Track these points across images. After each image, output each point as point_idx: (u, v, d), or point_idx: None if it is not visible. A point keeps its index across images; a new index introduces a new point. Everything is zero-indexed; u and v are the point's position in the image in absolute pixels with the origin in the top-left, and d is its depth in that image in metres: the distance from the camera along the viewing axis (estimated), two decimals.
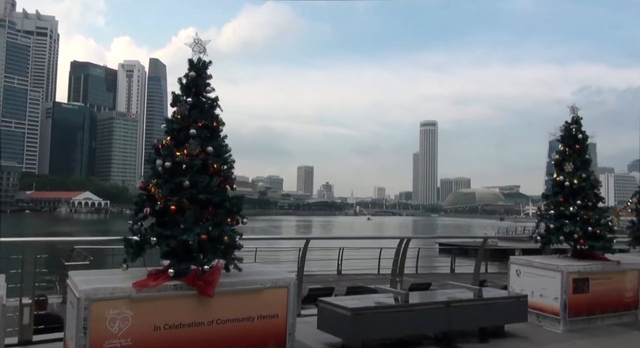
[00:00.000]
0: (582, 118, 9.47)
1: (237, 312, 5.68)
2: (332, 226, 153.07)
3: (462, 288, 7.82)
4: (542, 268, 8.61)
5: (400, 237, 9.52)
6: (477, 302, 7.29)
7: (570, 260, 8.98)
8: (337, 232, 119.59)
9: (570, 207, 8.95)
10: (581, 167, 9.17)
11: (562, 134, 9.45)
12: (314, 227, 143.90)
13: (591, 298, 8.60)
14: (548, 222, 9.15)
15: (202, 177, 5.73)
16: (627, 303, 9.16)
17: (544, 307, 8.50)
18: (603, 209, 9.18)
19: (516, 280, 9.02)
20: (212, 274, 5.59)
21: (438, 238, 36.63)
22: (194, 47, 6.23)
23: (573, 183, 9.03)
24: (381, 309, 6.50)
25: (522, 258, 9.13)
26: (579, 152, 9.28)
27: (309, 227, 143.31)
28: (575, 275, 8.41)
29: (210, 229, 5.65)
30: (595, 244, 8.77)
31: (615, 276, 8.98)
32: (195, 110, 5.98)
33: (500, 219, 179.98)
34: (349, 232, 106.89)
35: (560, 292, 8.28)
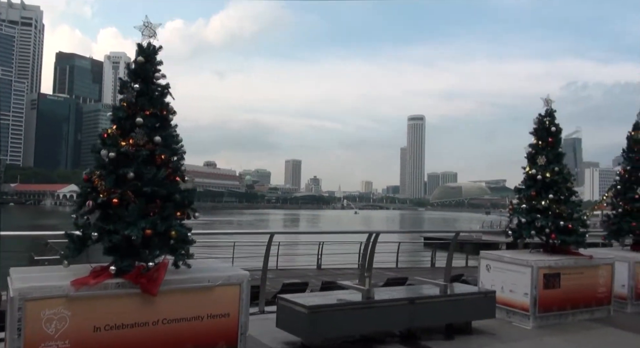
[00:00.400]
0: (555, 111, 9.27)
1: (185, 311, 5.39)
2: (318, 220, 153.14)
3: (429, 284, 7.59)
4: (512, 263, 8.42)
5: (368, 232, 9.26)
6: (443, 299, 7.07)
7: (542, 255, 8.79)
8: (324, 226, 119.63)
9: (542, 201, 8.75)
10: (554, 161, 8.97)
11: (535, 127, 9.24)
12: (301, 221, 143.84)
13: (562, 294, 8.41)
14: (520, 216, 8.96)
15: (148, 168, 5.42)
16: (600, 299, 8.99)
17: (514, 302, 8.31)
18: (576, 203, 8.99)
19: (486, 275, 8.82)
20: (157, 271, 5.29)
21: (410, 232, 36.50)
22: (143, 31, 5.90)
23: (545, 177, 8.84)
24: (341, 306, 6.25)
25: (492, 253, 8.93)
26: (552, 145, 9.08)
27: (296, 221, 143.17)
28: (545, 270, 8.22)
29: (157, 224, 5.36)
30: (567, 239, 8.59)
31: (587, 271, 8.80)
32: (143, 97, 5.65)
33: (486, 213, 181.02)
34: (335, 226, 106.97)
35: (530, 288, 8.08)
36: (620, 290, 9.78)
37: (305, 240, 26.95)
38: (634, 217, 10.28)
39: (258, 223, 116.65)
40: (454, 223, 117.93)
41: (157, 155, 5.50)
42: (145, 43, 5.87)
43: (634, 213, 10.31)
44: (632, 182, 10.47)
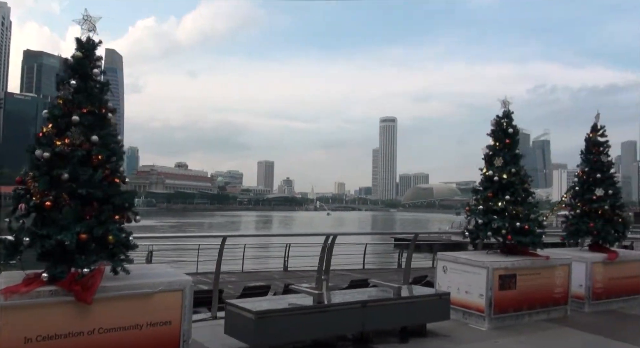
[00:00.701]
0: (513, 112, 9.26)
1: (123, 320, 5.15)
2: (289, 222, 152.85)
3: (384, 286, 7.46)
4: (468, 265, 8.37)
5: (326, 234, 9.13)
6: (396, 301, 6.96)
7: (498, 256, 8.77)
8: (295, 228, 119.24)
9: (499, 202, 8.74)
10: (511, 162, 8.97)
11: (492, 128, 9.23)
12: (272, 223, 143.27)
13: (518, 295, 8.40)
14: (477, 218, 8.93)
15: (84, 169, 5.17)
16: (557, 299, 9.02)
17: (470, 304, 8.26)
18: (532, 204, 9.00)
19: (443, 276, 8.76)
20: (92, 278, 5.04)
21: (371, 234, 36.47)
22: (82, 25, 5.66)
23: (502, 178, 8.82)
24: (290, 311, 6.08)
25: (448, 255, 8.86)
26: (509, 146, 9.07)
27: (268, 222, 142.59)
28: (501, 271, 8.19)
29: (93, 228, 5.11)
30: (523, 239, 8.58)
31: (544, 271, 8.82)
32: (80, 94, 5.41)
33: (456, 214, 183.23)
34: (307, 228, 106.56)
35: (486, 289, 8.04)
36: (578, 290, 9.85)
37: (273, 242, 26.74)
38: (592, 218, 10.36)
39: (230, 225, 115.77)
40: (425, 224, 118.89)
41: (94, 156, 5.25)
42: (85, 37, 5.63)
43: (591, 214, 10.39)
44: (590, 183, 10.55)
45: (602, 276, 9.98)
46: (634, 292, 10.63)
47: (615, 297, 10.26)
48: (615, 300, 10.27)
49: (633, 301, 10.61)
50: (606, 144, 10.70)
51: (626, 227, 10.47)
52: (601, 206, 10.25)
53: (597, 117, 10.77)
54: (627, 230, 10.50)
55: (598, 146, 10.66)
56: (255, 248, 28.24)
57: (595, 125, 10.77)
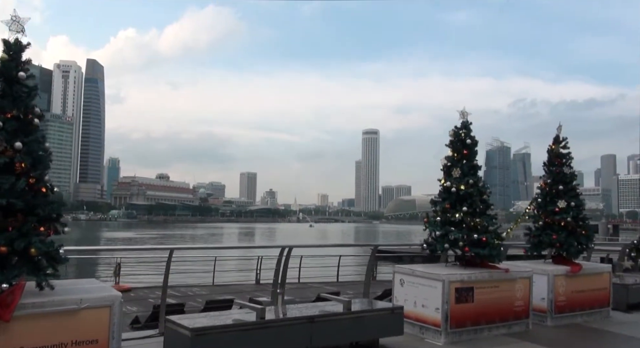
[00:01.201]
0: (471, 123, 9.16)
1: (46, 338, 4.86)
2: (274, 233, 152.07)
3: (335, 300, 7.22)
4: (424, 278, 8.19)
5: (281, 246, 8.88)
6: (345, 316, 6.72)
7: (456, 268, 8.61)
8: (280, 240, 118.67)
9: (457, 213, 8.59)
10: (469, 173, 8.84)
11: (451, 139, 9.10)
12: (257, 235, 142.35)
13: (476, 308, 8.22)
14: (434, 229, 8.77)
15: (5, 177, 4.90)
16: (518, 313, 8.86)
17: (426, 318, 8.07)
18: (491, 216, 8.87)
19: (400, 289, 8.57)
20: (11, 294, 4.75)
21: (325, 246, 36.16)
22: (10, 26, 5.41)
23: (460, 190, 8.69)
24: (228, 328, 5.81)
25: (404, 267, 8.67)
26: (467, 157, 8.95)
27: (251, 235, 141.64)
28: (457, 284, 8.01)
29: (14, 240, 4.82)
30: (481, 252, 8.44)
31: (503, 284, 8.66)
32: (5, 98, 5.14)
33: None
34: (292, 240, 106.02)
35: (442, 302, 7.86)
36: (540, 303, 9.72)
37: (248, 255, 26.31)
38: (555, 229, 10.26)
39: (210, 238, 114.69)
40: (407, 236, 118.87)
41: (17, 163, 4.98)
42: (12, 39, 5.37)
43: (554, 226, 10.29)
44: (553, 195, 10.47)
45: (564, 289, 9.87)
46: (599, 304, 10.53)
47: (580, 310, 10.15)
48: (580, 313, 10.16)
49: (597, 314, 10.51)
50: (568, 155, 10.64)
51: (589, 239, 10.38)
52: (564, 218, 10.16)
53: (559, 128, 10.72)
54: (590, 242, 10.41)
55: (560, 158, 10.59)
56: (234, 260, 27.91)
57: (558, 137, 10.71)
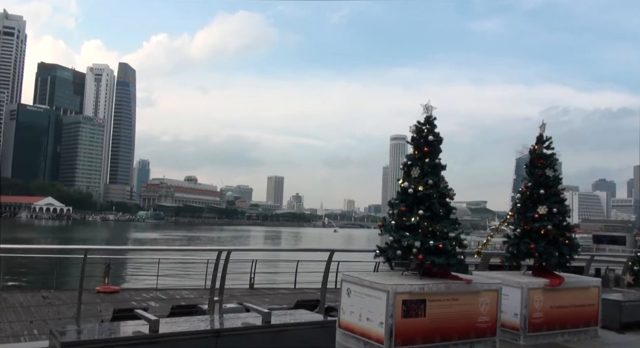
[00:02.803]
0: (435, 118, 8.29)
1: None
2: (297, 237, 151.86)
3: (254, 311, 6.42)
4: (370, 288, 7.34)
5: (218, 249, 8.15)
6: (262, 330, 5.94)
7: (411, 278, 7.74)
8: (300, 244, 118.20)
9: (412, 217, 7.73)
10: (429, 173, 7.96)
11: (412, 135, 8.25)
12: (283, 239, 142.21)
13: (429, 324, 7.33)
14: (388, 234, 7.93)
15: None
16: (482, 329, 7.92)
17: (370, 333, 7.22)
18: (453, 221, 7.97)
19: (347, 300, 7.74)
20: None
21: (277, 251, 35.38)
22: None
23: (417, 191, 7.82)
24: (108, 343, 5.09)
25: (352, 275, 7.81)
26: (428, 155, 8.07)
27: (278, 239, 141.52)
28: (405, 295, 7.14)
29: None
30: (436, 260, 7.55)
31: (464, 297, 7.75)
32: None
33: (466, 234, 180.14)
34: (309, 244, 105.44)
35: (385, 316, 7.01)
36: (513, 319, 8.78)
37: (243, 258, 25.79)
38: (533, 238, 9.29)
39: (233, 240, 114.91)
40: None
41: None
42: None
43: (532, 234, 9.33)
44: (533, 201, 9.51)
45: (542, 304, 8.89)
46: (584, 323, 9.52)
47: (560, 328, 9.17)
48: (560, 332, 9.17)
49: (582, 334, 9.50)
50: (552, 157, 9.67)
51: (573, 250, 9.36)
52: (544, 226, 9.18)
53: (543, 127, 9.75)
54: (573, 253, 9.39)
55: (544, 159, 9.63)
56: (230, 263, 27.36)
57: (541, 136, 9.74)
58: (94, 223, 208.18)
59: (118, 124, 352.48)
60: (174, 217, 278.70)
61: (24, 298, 16.12)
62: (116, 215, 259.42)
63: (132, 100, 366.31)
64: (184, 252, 38.59)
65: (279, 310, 6.84)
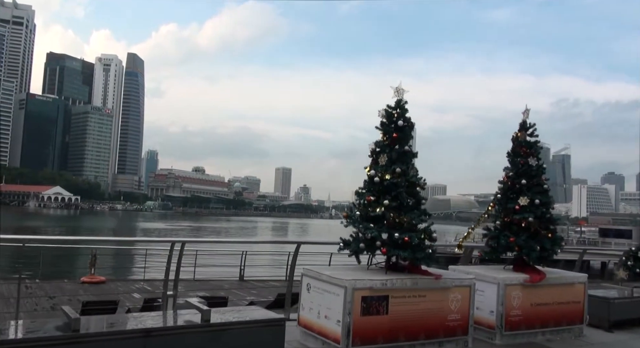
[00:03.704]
0: (407, 102, 7.75)
1: None
2: (306, 229, 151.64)
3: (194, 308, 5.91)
4: (329, 283, 6.83)
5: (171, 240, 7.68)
6: (198, 329, 5.45)
7: (375, 273, 7.23)
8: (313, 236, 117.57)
9: (378, 207, 7.21)
10: (398, 160, 7.42)
11: (381, 120, 7.69)
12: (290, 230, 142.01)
13: (392, 322, 6.83)
14: (353, 226, 7.41)
15: None
16: (452, 328, 7.41)
17: (328, 332, 6.72)
18: (422, 212, 7.43)
19: (307, 296, 7.24)
20: None
21: (244, 243, 34.33)
22: None
23: (384, 179, 7.30)
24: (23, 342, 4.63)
25: (313, 270, 7.29)
26: (397, 141, 7.52)
27: (284, 229, 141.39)
28: (365, 292, 6.63)
29: None
30: (401, 253, 7.04)
31: (432, 294, 7.24)
32: None
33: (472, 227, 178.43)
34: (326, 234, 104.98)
35: (343, 313, 6.51)
36: (489, 317, 8.26)
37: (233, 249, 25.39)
38: (513, 231, 8.74)
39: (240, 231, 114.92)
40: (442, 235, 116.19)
41: None
42: None
43: (513, 226, 8.78)
44: (514, 191, 8.95)
45: (520, 301, 8.35)
46: (568, 321, 8.98)
47: (541, 326, 8.63)
48: (541, 330, 8.64)
49: (566, 332, 8.97)
50: (536, 145, 9.09)
51: (555, 244, 8.81)
52: (525, 218, 8.62)
53: (526, 113, 9.16)
54: (556, 247, 8.83)
55: (527, 147, 9.05)
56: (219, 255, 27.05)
57: (525, 123, 9.16)
58: (101, 213, 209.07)
59: (126, 114, 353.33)
60: (181, 207, 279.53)
61: (6, 288, 15.80)
62: (124, 205, 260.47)
63: (141, 90, 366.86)
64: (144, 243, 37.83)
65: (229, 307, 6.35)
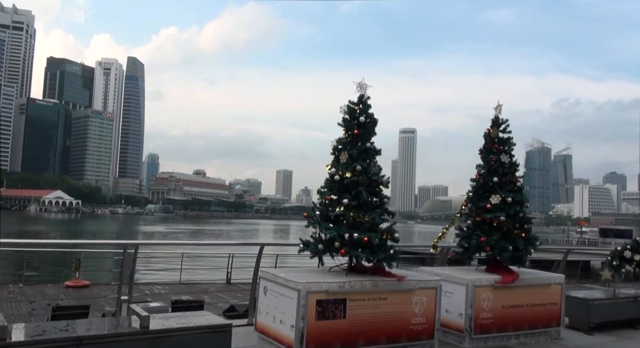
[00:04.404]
0: (369, 97, 7.48)
1: None
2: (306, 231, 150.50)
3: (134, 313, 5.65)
4: (284, 286, 6.56)
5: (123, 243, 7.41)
6: (135, 337, 5.17)
7: (334, 275, 6.95)
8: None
9: (338, 207, 6.93)
10: (359, 157, 7.15)
11: (343, 116, 7.43)
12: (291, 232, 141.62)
13: (349, 326, 6.54)
14: (312, 226, 7.15)
15: None
16: (416, 332, 7.12)
17: (282, 337, 6.44)
18: (384, 212, 7.15)
19: (263, 300, 6.96)
20: None
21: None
22: None
23: (344, 178, 7.02)
24: None
25: (269, 272, 7.03)
26: (359, 138, 7.26)
27: (286, 232, 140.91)
28: (320, 295, 6.35)
29: None
30: (360, 254, 6.76)
31: (394, 296, 6.95)
32: None
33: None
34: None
35: (296, 318, 6.23)
36: (458, 320, 7.98)
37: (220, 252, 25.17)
38: (485, 231, 8.46)
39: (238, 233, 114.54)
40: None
41: None
42: None
43: (485, 226, 8.49)
44: (486, 189, 8.68)
45: (491, 303, 8.07)
46: (544, 323, 8.69)
47: (514, 329, 8.35)
48: (514, 333, 8.36)
49: (542, 335, 8.69)
50: (509, 141, 8.82)
51: (529, 244, 8.51)
52: (496, 217, 8.34)
53: (498, 108, 8.89)
54: (530, 247, 8.53)
55: (499, 144, 8.77)
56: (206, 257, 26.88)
57: (497, 119, 8.89)
58: (102, 217, 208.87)
59: (127, 118, 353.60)
60: (182, 210, 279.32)
61: None
62: (125, 209, 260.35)
63: (141, 94, 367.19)
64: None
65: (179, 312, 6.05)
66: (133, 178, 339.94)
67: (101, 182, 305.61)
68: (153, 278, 22.06)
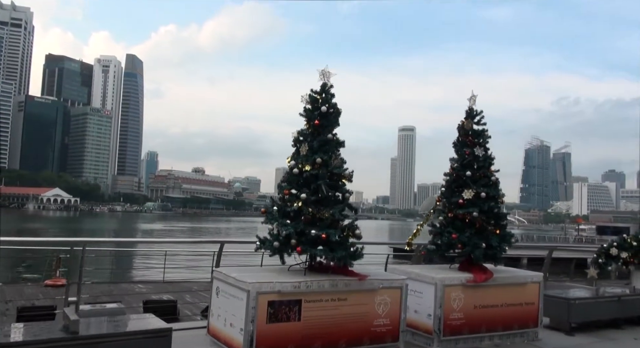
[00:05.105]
0: (332, 86, 7.09)
1: None
2: None
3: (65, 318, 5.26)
4: (235, 287, 6.17)
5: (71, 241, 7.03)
6: (61, 343, 4.78)
7: (291, 275, 6.57)
8: None
9: (296, 202, 6.54)
10: (319, 150, 6.76)
11: (305, 107, 7.04)
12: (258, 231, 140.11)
13: (305, 329, 6.16)
14: (269, 223, 6.76)
15: None
16: (379, 335, 6.74)
17: (232, 341, 6.06)
18: (345, 206, 6.77)
19: (216, 301, 6.58)
20: None
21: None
22: None
23: (304, 171, 6.64)
24: None
25: (222, 272, 6.64)
26: (320, 129, 6.87)
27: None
28: (272, 296, 5.96)
29: None
30: (317, 252, 6.37)
31: (354, 297, 6.56)
32: None
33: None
34: None
35: (245, 321, 5.85)
36: (426, 321, 7.60)
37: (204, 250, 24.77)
38: (458, 227, 8.07)
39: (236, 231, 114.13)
40: None
41: None
42: None
43: (457, 222, 8.11)
44: (459, 184, 8.29)
45: (462, 303, 7.68)
46: (520, 324, 8.30)
47: (487, 330, 7.96)
48: (487, 335, 7.96)
49: (518, 336, 8.30)
50: (483, 133, 8.42)
51: (504, 241, 8.13)
52: (469, 212, 7.95)
53: (472, 99, 8.49)
54: (504, 244, 8.14)
55: (473, 136, 8.38)
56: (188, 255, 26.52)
57: (471, 110, 8.49)
58: (101, 215, 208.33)
59: (126, 116, 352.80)
60: (181, 208, 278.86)
61: None
62: (124, 207, 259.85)
63: (140, 91, 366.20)
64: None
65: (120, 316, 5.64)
66: (132, 176, 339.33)
67: (100, 179, 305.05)
68: (140, 277, 21.66)
